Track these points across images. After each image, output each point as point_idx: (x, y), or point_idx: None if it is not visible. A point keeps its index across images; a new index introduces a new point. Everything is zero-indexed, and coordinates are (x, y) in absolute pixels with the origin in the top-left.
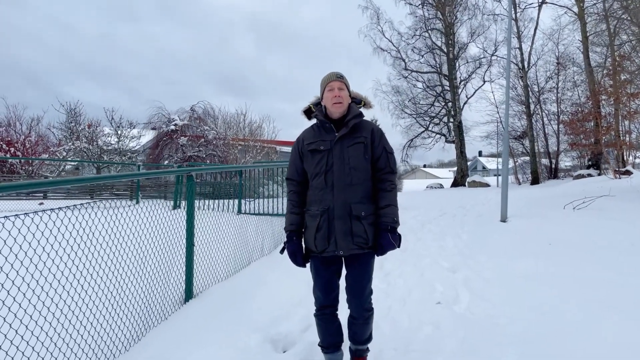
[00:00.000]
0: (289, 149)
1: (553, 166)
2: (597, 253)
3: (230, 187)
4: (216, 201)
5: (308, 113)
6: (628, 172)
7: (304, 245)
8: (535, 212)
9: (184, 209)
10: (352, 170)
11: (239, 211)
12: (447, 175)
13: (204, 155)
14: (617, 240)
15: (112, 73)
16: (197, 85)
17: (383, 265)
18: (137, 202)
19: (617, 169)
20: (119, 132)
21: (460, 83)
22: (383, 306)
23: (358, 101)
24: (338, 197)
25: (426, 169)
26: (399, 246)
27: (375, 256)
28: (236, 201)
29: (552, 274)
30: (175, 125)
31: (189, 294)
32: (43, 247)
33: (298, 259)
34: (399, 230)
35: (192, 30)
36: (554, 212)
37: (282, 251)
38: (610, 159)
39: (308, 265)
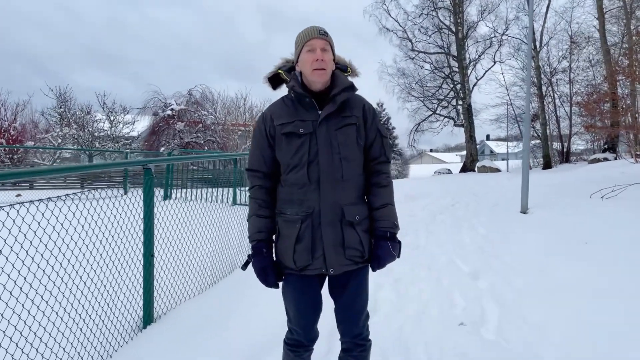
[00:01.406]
0: None
1: (565, 150)
2: None
3: (228, 175)
4: (212, 190)
5: (275, 81)
6: None
7: (275, 259)
8: (559, 201)
9: (176, 199)
10: (344, 161)
11: (234, 202)
12: (454, 159)
13: (202, 142)
14: None
15: (118, 59)
16: (201, 70)
17: (393, 269)
18: (125, 193)
19: (638, 153)
20: (112, 117)
21: (469, 64)
22: (394, 327)
23: (343, 68)
24: (326, 197)
25: (433, 154)
26: (398, 256)
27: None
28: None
29: (600, 284)
30: (172, 110)
31: (147, 318)
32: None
33: (269, 277)
34: (399, 234)
35: (199, 14)
36: (580, 202)
37: (245, 267)
38: (626, 142)
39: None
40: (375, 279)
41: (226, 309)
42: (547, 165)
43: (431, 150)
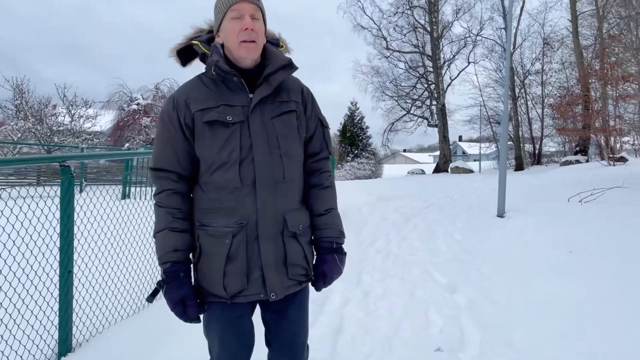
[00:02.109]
0: None
1: (536, 152)
2: (635, 267)
3: None
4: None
5: (186, 55)
6: (623, 159)
7: (193, 283)
8: (536, 205)
9: (136, 198)
10: (285, 158)
11: None
12: (427, 160)
13: None
14: None
15: (89, 51)
16: (172, 64)
17: (361, 280)
18: (81, 191)
19: (611, 156)
20: (72, 111)
21: (444, 64)
22: (360, 354)
23: (274, 42)
24: (264, 204)
25: (406, 154)
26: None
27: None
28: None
29: (591, 302)
30: (138, 104)
31: (64, 347)
32: None
33: (190, 310)
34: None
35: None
36: (559, 206)
37: (152, 297)
38: (599, 144)
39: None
40: (343, 292)
41: (163, 330)
42: (519, 167)
43: (404, 151)
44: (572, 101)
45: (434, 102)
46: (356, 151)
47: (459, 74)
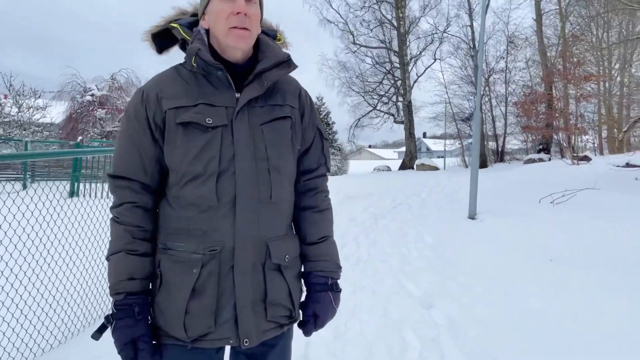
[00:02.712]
0: None
1: (500, 149)
2: (619, 275)
3: None
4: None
5: (162, 41)
6: (586, 158)
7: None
8: (508, 206)
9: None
10: (274, 173)
11: None
12: (393, 156)
13: None
14: (628, 252)
15: (53, 41)
16: (141, 54)
17: None
18: (25, 187)
19: (575, 155)
20: (20, 101)
21: (410, 60)
22: None
23: (271, 34)
24: (245, 228)
25: (371, 150)
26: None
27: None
28: None
29: (580, 316)
30: (92, 95)
31: None
32: None
33: (141, 355)
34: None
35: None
36: (532, 208)
37: (98, 335)
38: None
39: None
40: None
41: None
42: (483, 164)
43: (370, 146)
44: (536, 99)
45: (400, 99)
46: None
47: (425, 70)
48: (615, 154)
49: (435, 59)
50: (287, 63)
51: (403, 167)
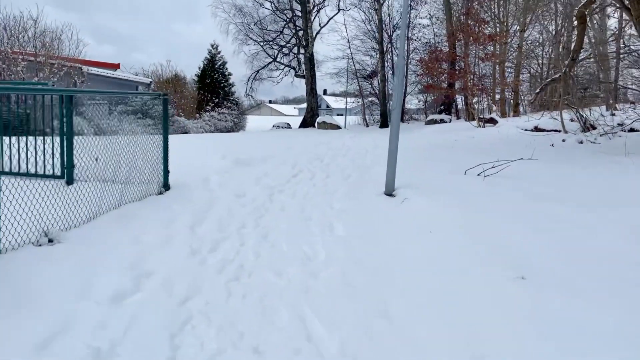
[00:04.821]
0: (101, 71)
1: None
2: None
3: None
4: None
5: None
6: (492, 120)
7: None
8: (429, 178)
9: None
10: None
11: (68, 178)
12: (293, 112)
13: None
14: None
15: None
16: None
17: (179, 350)
18: None
19: (481, 117)
20: None
21: (313, 9)
22: None
23: None
24: None
25: (272, 105)
26: None
27: None
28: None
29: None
30: None
31: None
32: None
33: None
34: None
35: None
36: (458, 181)
37: None
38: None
39: None
40: None
41: None
42: (384, 124)
43: (270, 102)
44: (440, 57)
45: (302, 51)
46: (217, 100)
47: (328, 21)
48: (515, 117)
49: (339, 10)
50: None
51: (304, 124)
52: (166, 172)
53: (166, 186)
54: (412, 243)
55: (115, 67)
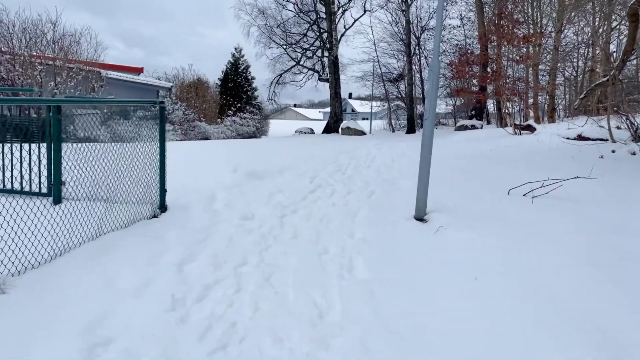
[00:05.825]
0: (121, 75)
1: None
2: None
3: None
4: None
5: None
6: (530, 127)
7: None
8: (465, 199)
9: None
10: None
11: (55, 197)
12: (318, 116)
13: None
14: None
15: None
16: None
17: None
18: None
19: (517, 124)
20: None
21: (338, 10)
22: None
23: None
24: None
25: (297, 109)
26: None
27: None
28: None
29: None
30: None
31: None
32: None
33: None
34: None
35: None
36: (502, 204)
37: None
38: (499, 109)
39: None
40: None
41: None
42: (410, 129)
43: (295, 105)
44: (471, 60)
45: (326, 54)
46: (239, 104)
47: (353, 23)
48: (552, 123)
49: (365, 11)
50: None
51: (327, 129)
52: (163, 191)
53: (162, 207)
54: (452, 296)
55: (139, 71)
